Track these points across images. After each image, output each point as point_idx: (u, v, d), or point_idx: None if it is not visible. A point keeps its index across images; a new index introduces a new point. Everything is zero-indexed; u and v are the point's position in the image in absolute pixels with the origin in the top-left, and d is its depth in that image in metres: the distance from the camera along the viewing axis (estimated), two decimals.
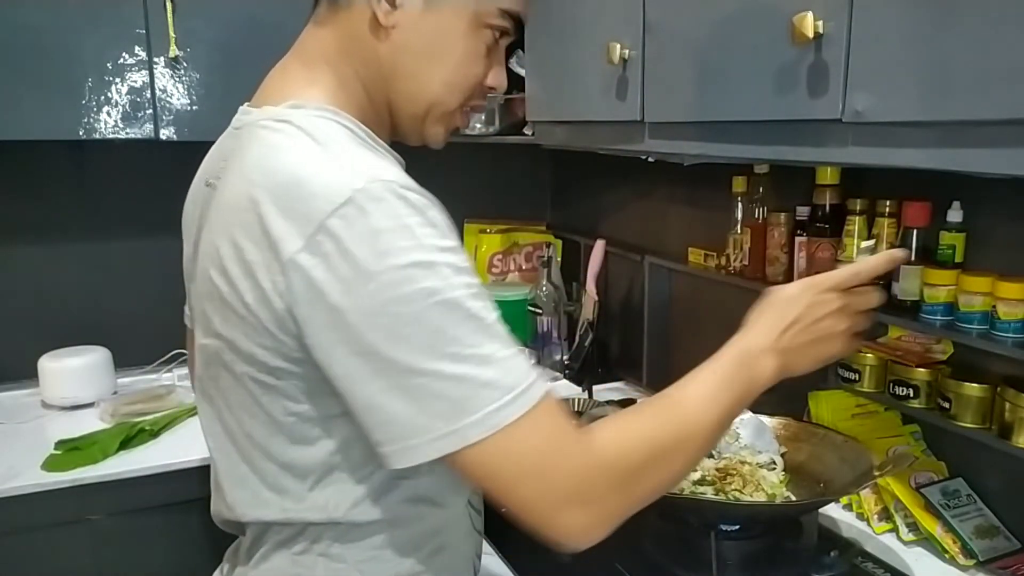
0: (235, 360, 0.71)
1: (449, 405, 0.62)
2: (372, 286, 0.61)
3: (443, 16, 0.75)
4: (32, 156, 1.86)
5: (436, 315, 0.62)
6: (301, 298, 0.63)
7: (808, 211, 1.37)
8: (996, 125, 0.74)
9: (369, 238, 0.61)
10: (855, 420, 1.33)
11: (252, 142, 0.71)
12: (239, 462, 0.77)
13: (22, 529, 1.43)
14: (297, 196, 0.63)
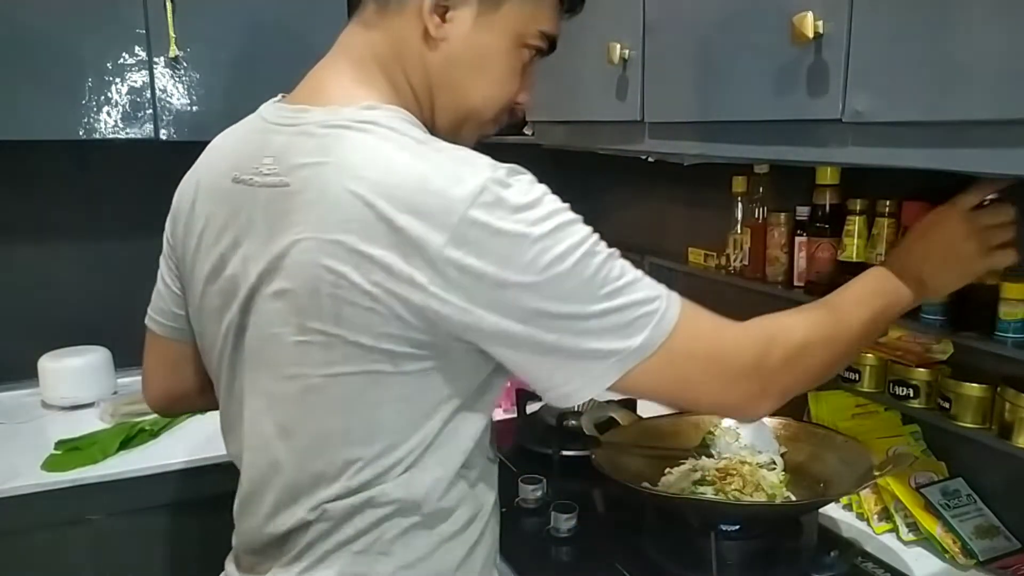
0: (340, 351, 0.71)
1: (622, 331, 0.69)
2: (528, 257, 0.66)
3: (490, 34, 0.79)
4: (32, 156, 1.86)
5: (586, 264, 0.68)
6: (457, 287, 0.66)
7: (808, 211, 1.37)
8: (996, 125, 0.74)
9: (512, 217, 0.66)
10: (855, 420, 1.33)
11: (342, 142, 0.72)
12: (314, 457, 0.76)
13: (22, 529, 1.43)
14: (426, 193, 0.66)
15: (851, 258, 1.29)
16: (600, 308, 0.68)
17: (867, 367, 1.28)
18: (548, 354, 0.69)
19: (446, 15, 0.77)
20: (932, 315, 1.10)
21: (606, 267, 0.69)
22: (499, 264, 0.66)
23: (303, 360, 0.74)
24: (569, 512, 1.23)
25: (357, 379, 0.72)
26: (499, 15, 0.78)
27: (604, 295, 0.68)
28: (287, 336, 0.74)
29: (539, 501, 1.33)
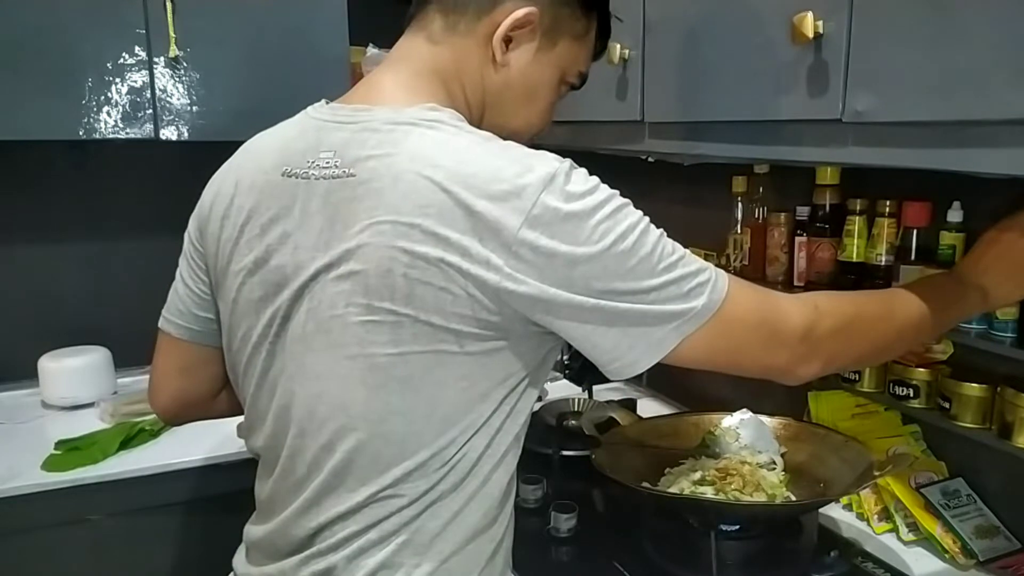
0: (409, 330, 0.74)
1: (682, 299, 0.74)
2: (595, 236, 0.71)
3: (543, 67, 0.88)
4: (32, 156, 1.86)
5: (644, 242, 0.74)
6: (531, 267, 0.71)
7: (808, 211, 1.37)
8: (996, 125, 0.74)
9: (579, 201, 0.72)
10: (855, 420, 1.33)
11: (410, 136, 0.76)
12: (373, 437, 0.78)
13: (22, 529, 1.43)
14: (500, 181, 0.71)
15: (851, 258, 1.29)
16: (660, 281, 0.74)
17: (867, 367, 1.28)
18: (614, 324, 0.74)
19: (510, 44, 0.85)
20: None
21: (661, 244, 0.75)
22: (570, 243, 0.71)
23: (368, 339, 0.75)
24: (569, 512, 1.23)
25: (423, 358, 0.75)
26: (554, 53, 0.87)
27: (663, 268, 0.74)
28: (352, 316, 0.76)
29: (539, 501, 1.33)
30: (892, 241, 1.22)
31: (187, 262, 0.93)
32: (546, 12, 0.84)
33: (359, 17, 1.76)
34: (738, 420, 1.30)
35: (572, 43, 0.88)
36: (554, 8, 0.85)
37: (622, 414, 1.36)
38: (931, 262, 1.18)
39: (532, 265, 0.71)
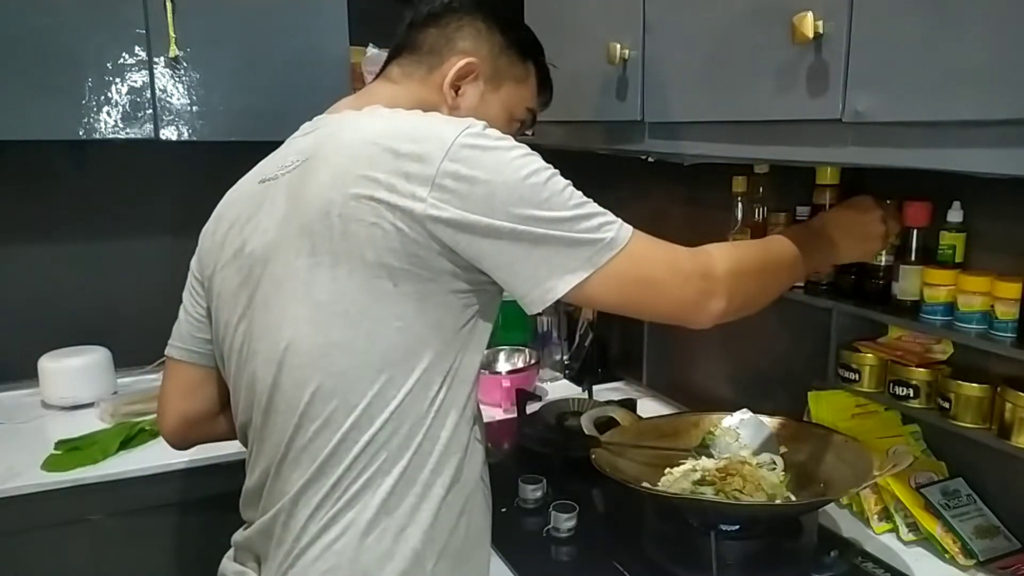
0: (345, 267, 0.81)
1: (593, 231, 0.82)
2: (512, 167, 0.80)
3: (491, 108, 1.01)
4: (32, 156, 1.86)
5: (556, 182, 0.83)
6: (453, 195, 0.78)
7: (808, 211, 1.37)
8: (996, 125, 0.74)
9: (496, 142, 0.81)
10: (855, 420, 1.33)
11: (347, 121, 0.89)
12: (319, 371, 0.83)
13: (22, 529, 1.43)
14: (424, 131, 0.82)
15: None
16: (573, 214, 0.81)
17: (867, 367, 1.28)
18: (531, 250, 0.80)
19: (460, 90, 0.99)
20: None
21: (570, 189, 0.84)
22: (489, 172, 0.79)
23: (312, 281, 0.83)
24: (569, 512, 1.23)
25: (360, 294, 0.81)
26: (499, 94, 1.02)
27: (574, 205, 0.82)
28: (301, 264, 0.83)
29: (539, 501, 1.33)
30: (894, 243, 1.21)
31: (189, 291, 1.02)
32: (486, 61, 1.00)
33: (359, 17, 1.76)
34: (738, 420, 1.30)
35: (515, 86, 1.04)
36: (494, 58, 1.01)
37: (622, 414, 1.36)
38: (931, 262, 1.18)
39: (455, 194, 0.78)
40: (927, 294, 1.17)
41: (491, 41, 1.01)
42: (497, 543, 1.18)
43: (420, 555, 0.83)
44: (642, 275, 0.85)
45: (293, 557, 0.83)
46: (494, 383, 1.82)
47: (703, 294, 0.88)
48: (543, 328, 2.04)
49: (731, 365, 1.69)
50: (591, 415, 1.35)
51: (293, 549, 0.83)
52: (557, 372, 2.04)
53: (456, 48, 0.99)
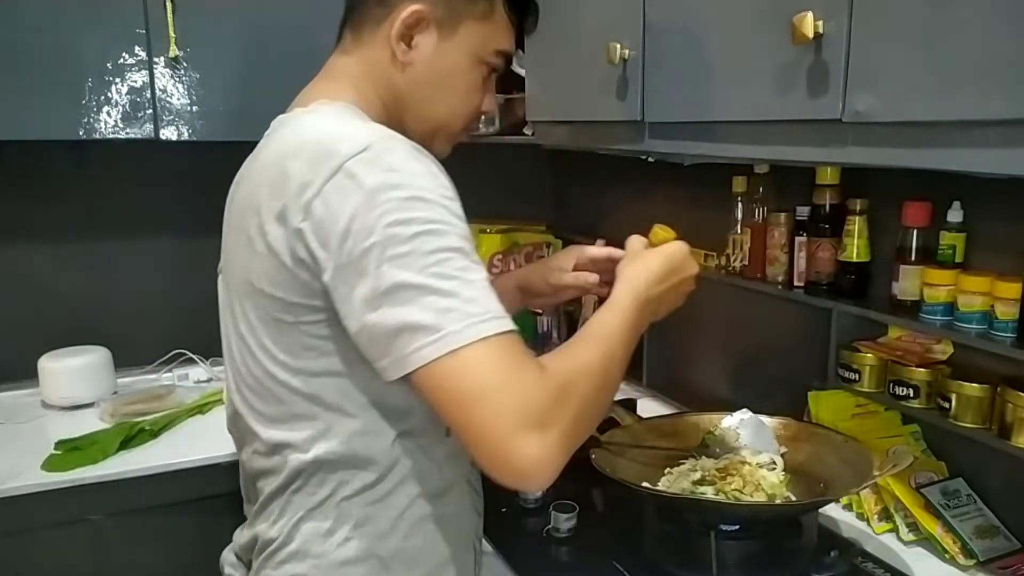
0: (259, 301, 0.80)
1: (434, 314, 0.70)
2: (378, 211, 0.70)
3: (450, 56, 0.89)
4: (32, 156, 1.86)
5: (430, 240, 0.71)
6: (317, 229, 0.72)
7: (808, 211, 1.38)
8: (996, 125, 0.74)
9: (381, 172, 0.72)
10: (855, 420, 1.33)
11: (283, 127, 0.85)
12: (259, 400, 0.85)
13: (22, 529, 1.43)
14: (320, 149, 0.75)
15: (851, 258, 1.29)
16: (423, 282, 0.70)
17: (867, 367, 1.28)
18: (372, 316, 0.71)
19: (411, 42, 0.88)
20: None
21: (448, 255, 0.71)
22: (352, 211, 0.71)
23: (238, 314, 0.84)
24: (569, 512, 1.23)
25: (266, 327, 0.80)
26: (456, 39, 0.89)
27: (434, 273, 0.70)
28: (234, 298, 0.85)
29: (539, 501, 1.33)
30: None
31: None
32: (437, 5, 0.87)
33: None
34: (738, 420, 1.30)
35: (476, 25, 0.89)
36: (445, 1, 0.87)
37: (622, 414, 1.36)
38: (931, 262, 1.18)
39: (321, 226, 0.72)
40: (927, 294, 1.17)
41: None
42: (497, 543, 1.19)
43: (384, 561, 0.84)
44: (460, 392, 0.70)
45: (262, 560, 0.86)
46: None
47: (533, 457, 0.70)
48: (543, 328, 2.04)
49: (731, 365, 1.69)
50: None
51: (263, 551, 0.86)
52: None
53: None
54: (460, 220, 0.75)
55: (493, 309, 0.72)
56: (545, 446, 0.70)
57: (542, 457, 0.70)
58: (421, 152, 0.76)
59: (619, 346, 0.83)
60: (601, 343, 0.83)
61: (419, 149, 0.77)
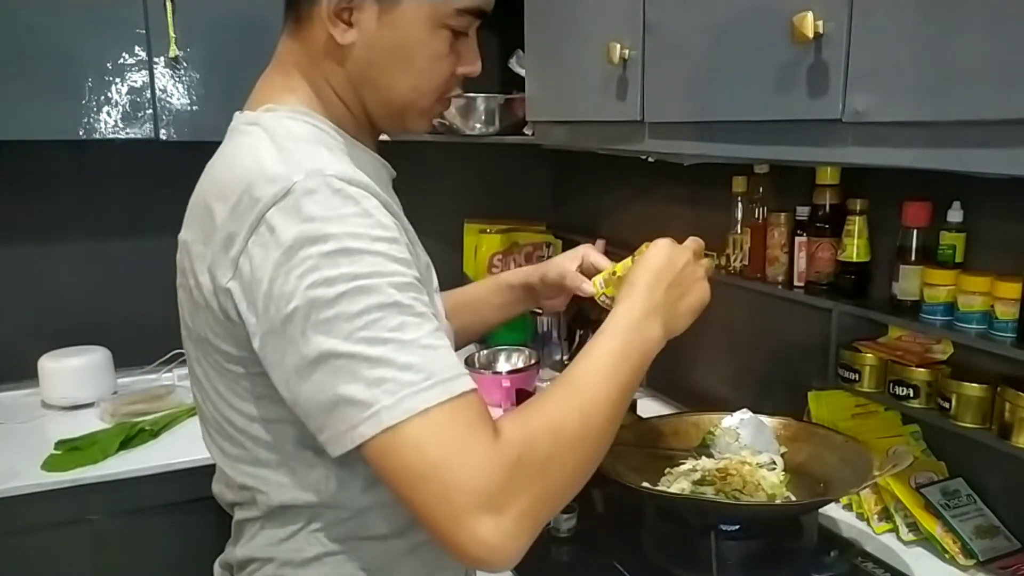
0: (206, 349, 0.76)
1: (365, 387, 0.63)
2: (299, 270, 0.64)
3: (398, 28, 0.77)
4: (32, 156, 1.86)
5: (359, 300, 0.63)
6: (244, 289, 0.67)
7: (808, 211, 1.37)
8: (996, 125, 0.74)
9: (299, 225, 0.64)
10: (855, 420, 1.33)
11: (224, 147, 0.78)
12: (223, 441, 0.81)
13: (22, 529, 1.43)
14: (244, 194, 0.67)
15: (851, 258, 1.29)
16: (351, 350, 0.63)
17: (867, 367, 1.28)
18: (301, 388, 0.66)
19: (351, 19, 0.76)
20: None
21: (378, 315, 0.63)
22: (273, 271, 0.64)
23: (192, 356, 0.80)
24: (569, 512, 1.23)
25: (219, 375, 0.76)
26: (402, 8, 0.76)
27: (364, 338, 0.63)
28: (187, 338, 0.81)
29: None
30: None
31: None
32: None
33: None
34: (738, 420, 1.30)
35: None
36: None
37: None
38: (931, 262, 1.18)
39: (248, 288, 0.66)
40: (927, 294, 1.17)
41: None
42: None
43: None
44: (401, 470, 0.64)
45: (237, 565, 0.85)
46: (494, 383, 1.82)
47: (489, 540, 0.63)
48: (543, 328, 2.04)
49: (731, 365, 1.69)
50: None
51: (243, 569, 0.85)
52: (557, 372, 2.03)
53: None
54: (398, 263, 0.66)
55: (435, 372, 0.64)
56: (500, 531, 0.63)
57: (498, 543, 0.63)
58: (353, 184, 0.68)
59: (605, 386, 0.74)
60: (579, 390, 0.73)
61: (353, 179, 0.68)
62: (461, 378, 0.66)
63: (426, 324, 0.66)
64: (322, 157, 0.70)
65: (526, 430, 0.68)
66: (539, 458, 0.67)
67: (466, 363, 1.84)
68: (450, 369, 0.66)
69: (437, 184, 2.20)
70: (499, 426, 0.67)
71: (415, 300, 0.66)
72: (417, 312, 0.66)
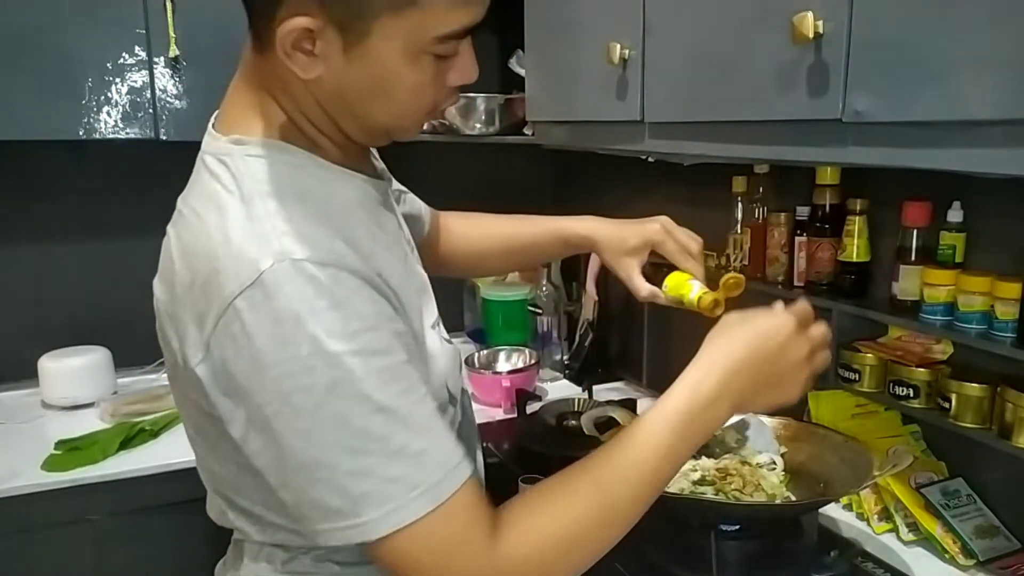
0: (185, 392, 0.71)
1: (351, 501, 0.61)
2: (274, 374, 0.60)
3: (370, 63, 0.66)
4: (32, 156, 1.86)
5: (340, 407, 0.60)
6: (216, 377, 0.64)
7: (808, 211, 1.37)
8: (996, 125, 0.74)
9: (271, 325, 0.60)
10: (855, 420, 1.33)
11: (194, 187, 0.72)
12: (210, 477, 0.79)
13: (22, 529, 1.43)
14: (211, 276, 0.63)
15: (851, 258, 1.29)
16: (335, 462, 0.60)
17: (867, 367, 1.28)
18: (281, 486, 0.64)
19: (313, 49, 0.65)
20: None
21: (370, 420, 0.60)
22: (245, 372, 0.61)
23: (177, 399, 0.76)
24: None
25: (198, 433, 0.74)
26: (371, 42, 0.64)
27: (348, 449, 0.60)
28: (171, 381, 0.77)
29: None
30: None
31: None
32: (329, 5, 0.63)
33: None
34: (738, 420, 1.30)
35: (394, 19, 0.63)
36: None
37: (622, 414, 1.36)
38: (931, 262, 1.18)
39: (218, 374, 0.64)
40: (927, 294, 1.17)
41: None
42: None
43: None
44: (392, 569, 0.64)
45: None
46: (494, 383, 1.82)
47: None
48: (543, 328, 2.04)
49: None
50: (591, 415, 1.35)
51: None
52: (557, 372, 2.03)
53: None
54: (379, 354, 0.62)
55: (424, 478, 0.61)
56: None
57: None
58: (327, 265, 0.62)
59: (638, 490, 0.69)
60: (605, 490, 0.67)
61: (326, 259, 0.62)
62: (452, 474, 0.63)
63: (414, 419, 0.63)
64: (294, 227, 0.63)
65: (530, 535, 0.65)
66: (542, 569, 0.65)
67: (466, 363, 1.84)
68: (440, 468, 0.63)
69: (437, 184, 2.19)
70: (501, 522, 0.64)
71: (400, 395, 0.62)
72: (403, 412, 0.62)
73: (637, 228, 1.04)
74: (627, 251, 1.05)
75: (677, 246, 1.02)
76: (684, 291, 0.97)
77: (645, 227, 1.03)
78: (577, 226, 1.09)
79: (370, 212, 0.75)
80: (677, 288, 0.99)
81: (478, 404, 1.80)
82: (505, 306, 2.10)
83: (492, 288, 2.15)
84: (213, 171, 0.69)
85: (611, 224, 1.08)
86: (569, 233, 1.08)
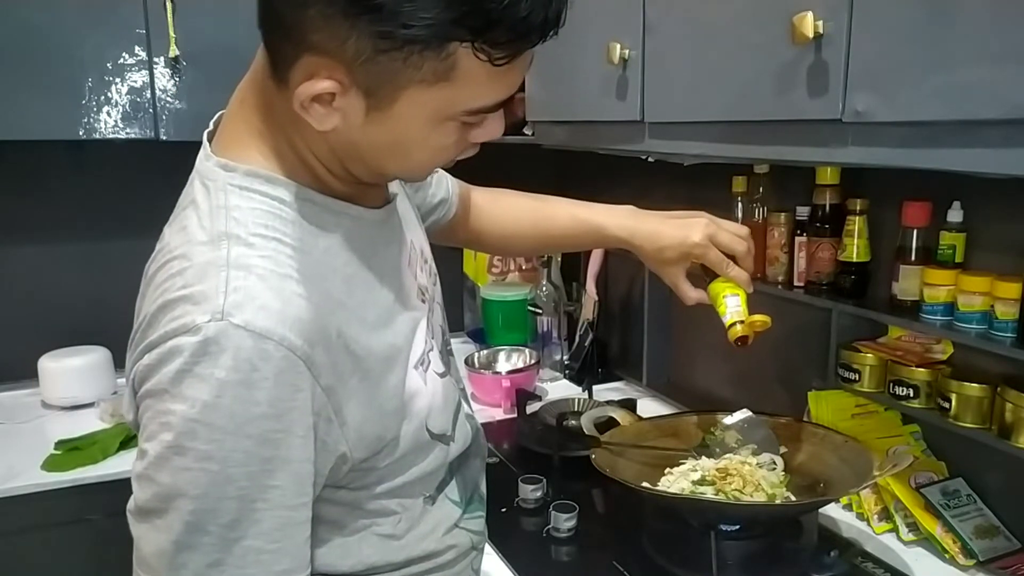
0: None
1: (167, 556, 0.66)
2: (160, 420, 0.61)
3: (391, 126, 0.63)
4: (32, 156, 1.86)
5: (202, 478, 0.61)
6: (134, 398, 0.65)
7: (808, 211, 1.38)
8: (996, 125, 0.74)
9: (186, 408, 0.59)
10: (855, 420, 1.33)
11: (183, 199, 0.71)
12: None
13: (22, 529, 1.43)
14: (161, 310, 0.61)
15: (851, 258, 1.29)
16: (176, 516, 0.64)
17: (867, 367, 1.28)
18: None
19: (332, 102, 0.60)
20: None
21: (222, 501, 0.61)
22: (156, 455, 0.64)
23: None
24: (569, 512, 1.23)
25: None
26: (398, 108, 0.61)
27: (191, 511, 0.63)
28: None
29: (539, 501, 1.33)
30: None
31: None
32: (357, 70, 0.58)
33: None
34: (738, 420, 1.30)
35: (426, 91, 0.60)
36: (367, 64, 0.58)
37: (622, 414, 1.36)
38: (931, 262, 1.18)
39: (135, 397, 0.65)
40: (927, 294, 1.17)
41: (355, 35, 0.57)
42: (497, 543, 1.19)
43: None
44: None
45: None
46: (494, 383, 1.82)
47: None
48: (543, 328, 2.04)
49: (731, 365, 1.69)
50: (591, 415, 1.35)
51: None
52: (557, 372, 2.03)
53: (305, 42, 0.59)
54: (267, 441, 0.60)
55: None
56: None
57: None
58: (266, 338, 0.59)
59: None
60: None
61: (265, 330, 0.59)
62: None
63: (268, 520, 0.62)
64: (250, 283, 0.60)
65: None
66: None
67: (466, 363, 1.84)
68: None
69: None
70: None
71: (268, 490, 0.62)
72: (275, 534, 0.64)
73: (677, 239, 0.99)
74: (667, 261, 1.01)
75: (719, 257, 0.99)
76: (719, 308, 1.00)
77: (685, 239, 0.98)
78: (614, 225, 1.03)
79: (359, 251, 0.70)
80: (714, 300, 1.01)
81: (478, 404, 1.80)
82: (505, 306, 2.10)
83: (492, 288, 2.15)
84: (195, 199, 0.67)
85: (649, 227, 1.01)
86: (607, 233, 1.03)
